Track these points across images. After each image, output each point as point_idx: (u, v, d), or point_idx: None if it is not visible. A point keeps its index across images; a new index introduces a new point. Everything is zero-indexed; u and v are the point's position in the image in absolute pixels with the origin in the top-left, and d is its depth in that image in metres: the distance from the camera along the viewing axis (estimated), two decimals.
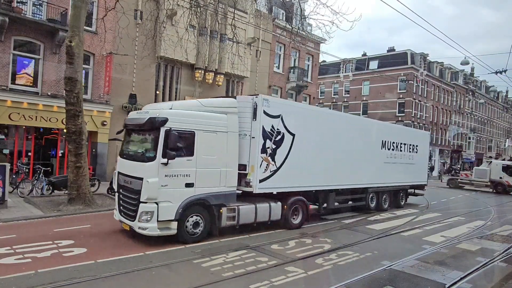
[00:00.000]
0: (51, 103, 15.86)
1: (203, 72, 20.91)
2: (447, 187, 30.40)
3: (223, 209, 8.86)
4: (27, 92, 15.48)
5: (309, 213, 11.25)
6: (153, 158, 7.85)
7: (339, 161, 11.98)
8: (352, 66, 49.34)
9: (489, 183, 28.29)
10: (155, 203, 7.81)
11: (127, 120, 9.11)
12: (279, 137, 9.89)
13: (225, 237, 9.16)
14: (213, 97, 21.99)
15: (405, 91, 44.41)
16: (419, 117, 45.87)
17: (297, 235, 9.84)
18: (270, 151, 9.62)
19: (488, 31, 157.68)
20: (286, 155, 10.09)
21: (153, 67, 19.42)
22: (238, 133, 9.14)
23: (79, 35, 11.50)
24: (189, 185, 8.21)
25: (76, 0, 11.48)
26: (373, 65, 47.22)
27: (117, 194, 8.91)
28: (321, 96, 50.79)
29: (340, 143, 12.05)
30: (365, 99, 47.73)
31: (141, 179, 7.87)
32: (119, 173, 8.89)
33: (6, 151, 15.72)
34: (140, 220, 7.87)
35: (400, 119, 44.57)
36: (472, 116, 57.94)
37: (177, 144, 7.78)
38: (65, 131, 12.33)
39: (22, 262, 6.63)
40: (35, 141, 16.66)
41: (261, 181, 9.48)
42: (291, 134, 10.21)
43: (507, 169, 27.76)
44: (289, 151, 10.17)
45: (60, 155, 17.23)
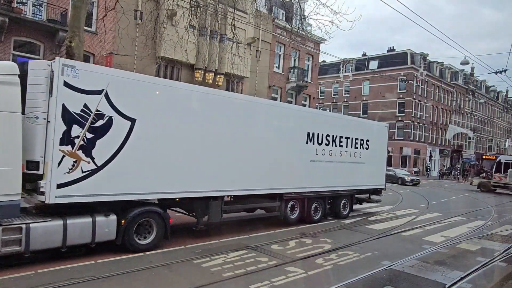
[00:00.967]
0: None
1: (203, 72, 20.91)
2: (478, 190, 28.72)
3: None
4: None
5: (169, 228, 8.03)
6: None
7: (225, 158, 8.85)
8: (352, 66, 49.37)
9: None
10: None
11: None
12: (102, 122, 6.95)
13: (225, 237, 9.16)
14: None
15: (405, 91, 44.42)
16: (419, 117, 45.88)
17: (298, 235, 9.84)
18: (82, 142, 6.70)
19: (489, 30, 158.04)
20: (118, 149, 7.14)
21: (153, 68, 19.41)
22: (21, 113, 6.21)
23: (79, 35, 11.46)
24: None
25: (76, 0, 11.45)
26: (373, 65, 47.25)
27: None
28: (321, 96, 50.81)
29: (227, 135, 8.94)
30: (365, 99, 47.74)
31: None
32: None
33: None
34: None
35: (400, 119, 44.61)
36: (472, 116, 57.94)
37: None
38: None
39: (21, 262, 6.60)
40: None
41: (63, 185, 6.51)
42: (128, 118, 7.27)
43: None
44: (124, 143, 7.22)
45: None
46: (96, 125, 6.90)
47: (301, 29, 16.96)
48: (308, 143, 10.96)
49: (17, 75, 6.20)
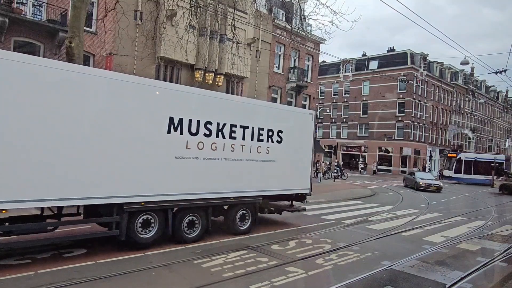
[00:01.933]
0: None
1: (203, 72, 20.91)
2: (500, 193, 27.67)
3: None
4: None
5: None
6: None
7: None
8: (352, 66, 49.39)
9: None
10: None
11: None
12: None
13: (225, 237, 9.16)
14: None
15: (405, 91, 44.44)
16: (419, 117, 45.90)
17: (298, 235, 9.84)
18: None
19: (490, 30, 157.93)
20: None
21: (153, 68, 19.41)
22: None
23: (79, 35, 11.48)
24: None
25: (76, 0, 11.46)
26: (373, 65, 47.27)
27: None
28: (321, 96, 50.82)
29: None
30: (365, 99, 47.76)
31: None
32: None
33: None
34: None
35: (400, 119, 44.64)
36: (472, 116, 57.95)
37: None
38: None
39: (21, 263, 6.62)
40: None
41: None
42: None
43: None
44: None
45: None
46: None
47: (301, 29, 16.98)
48: (171, 132, 8.00)
49: None
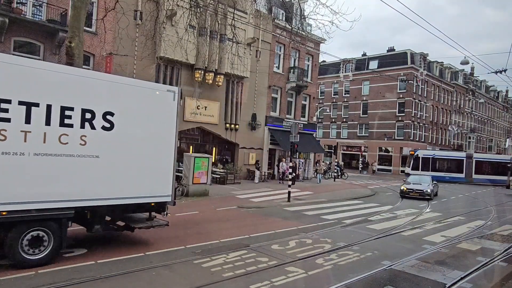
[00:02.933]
0: None
1: (203, 72, 20.91)
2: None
3: None
4: None
5: None
6: None
7: None
8: (352, 66, 49.37)
9: None
10: None
11: None
12: None
13: (225, 237, 9.17)
14: (213, 97, 22.19)
15: (405, 91, 44.43)
16: (419, 117, 45.90)
17: (298, 235, 9.84)
18: None
19: (490, 30, 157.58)
20: None
21: (153, 68, 19.40)
22: None
23: (79, 35, 11.48)
24: None
25: (76, 0, 11.47)
26: (373, 65, 47.26)
27: None
28: (321, 96, 50.80)
29: None
30: (365, 99, 47.75)
31: None
32: None
33: None
34: None
35: (400, 119, 44.63)
36: (472, 115, 57.94)
37: None
38: None
39: None
40: None
41: None
42: None
43: None
44: None
45: None
46: None
47: (301, 29, 16.96)
48: None
49: None
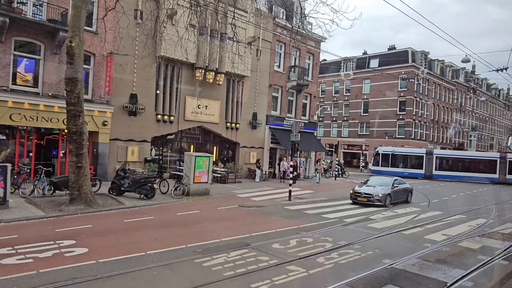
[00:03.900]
0: (52, 104, 15.87)
1: (203, 71, 20.90)
2: None
3: None
4: (28, 92, 15.48)
5: None
6: None
7: None
8: (352, 64, 49.28)
9: None
10: None
11: None
12: None
13: (226, 236, 9.17)
14: (214, 97, 22.19)
15: (406, 89, 44.36)
16: (420, 115, 45.83)
17: (299, 234, 9.85)
18: None
19: (493, 28, 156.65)
20: None
21: (154, 67, 19.41)
22: None
23: (80, 35, 11.51)
24: None
25: (76, 0, 11.49)
26: (374, 63, 47.15)
27: None
28: (322, 95, 50.74)
29: None
30: (366, 97, 47.69)
31: None
32: None
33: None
34: None
35: (401, 117, 44.57)
36: (473, 114, 57.82)
37: None
38: (66, 131, 12.34)
39: (23, 262, 6.64)
40: (36, 142, 16.69)
41: None
42: None
43: None
44: None
45: (61, 155, 17.26)
46: None
47: (302, 28, 16.95)
48: None
49: None
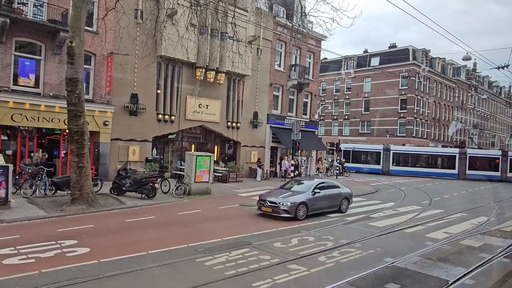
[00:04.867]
0: (53, 104, 15.89)
1: (204, 70, 20.89)
2: None
3: None
4: (29, 93, 15.50)
5: None
6: None
7: None
8: (353, 63, 49.20)
9: None
10: None
11: None
12: None
13: (228, 235, 9.18)
14: (214, 96, 22.18)
15: (406, 87, 44.29)
16: (421, 113, 45.76)
17: (300, 233, 9.85)
18: None
19: (494, 26, 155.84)
20: None
21: (154, 67, 19.41)
22: None
23: (80, 35, 11.51)
24: None
25: (76, 0, 11.49)
26: (375, 61, 47.08)
27: None
28: (322, 93, 50.69)
29: None
30: (366, 96, 47.63)
31: None
32: None
33: (9, 152, 15.78)
34: None
35: (402, 115, 44.50)
36: (474, 111, 57.71)
37: None
38: (67, 131, 12.36)
39: (26, 262, 6.66)
40: (37, 142, 16.72)
41: None
42: None
43: None
44: None
45: (62, 155, 17.28)
46: None
47: (302, 27, 16.93)
48: None
49: None
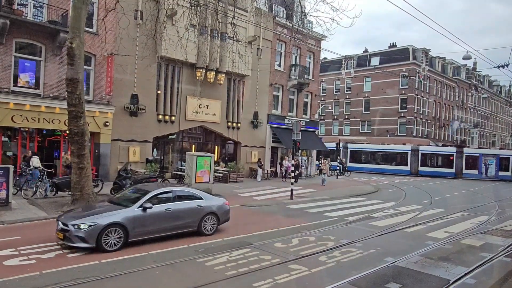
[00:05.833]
0: (53, 105, 15.89)
1: (204, 71, 20.89)
2: None
3: None
4: (29, 94, 15.51)
5: None
6: None
7: None
8: (353, 62, 49.19)
9: None
10: None
11: None
12: None
13: (228, 235, 9.18)
14: (215, 96, 22.19)
15: (407, 87, 44.28)
16: (421, 113, 45.74)
17: (301, 233, 9.85)
18: None
19: (495, 25, 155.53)
20: None
21: (154, 67, 19.42)
22: None
23: (80, 36, 11.52)
24: None
25: (76, 1, 11.49)
26: (375, 61, 47.07)
27: None
28: (322, 93, 50.68)
29: None
30: (367, 95, 47.63)
31: None
32: None
33: (9, 153, 15.79)
34: None
35: (402, 115, 44.49)
36: (475, 111, 57.68)
37: None
38: (67, 132, 12.37)
39: (27, 263, 6.67)
40: (38, 143, 16.73)
41: None
42: None
43: None
44: None
45: (63, 156, 17.30)
46: None
47: (302, 27, 16.93)
48: None
49: None
